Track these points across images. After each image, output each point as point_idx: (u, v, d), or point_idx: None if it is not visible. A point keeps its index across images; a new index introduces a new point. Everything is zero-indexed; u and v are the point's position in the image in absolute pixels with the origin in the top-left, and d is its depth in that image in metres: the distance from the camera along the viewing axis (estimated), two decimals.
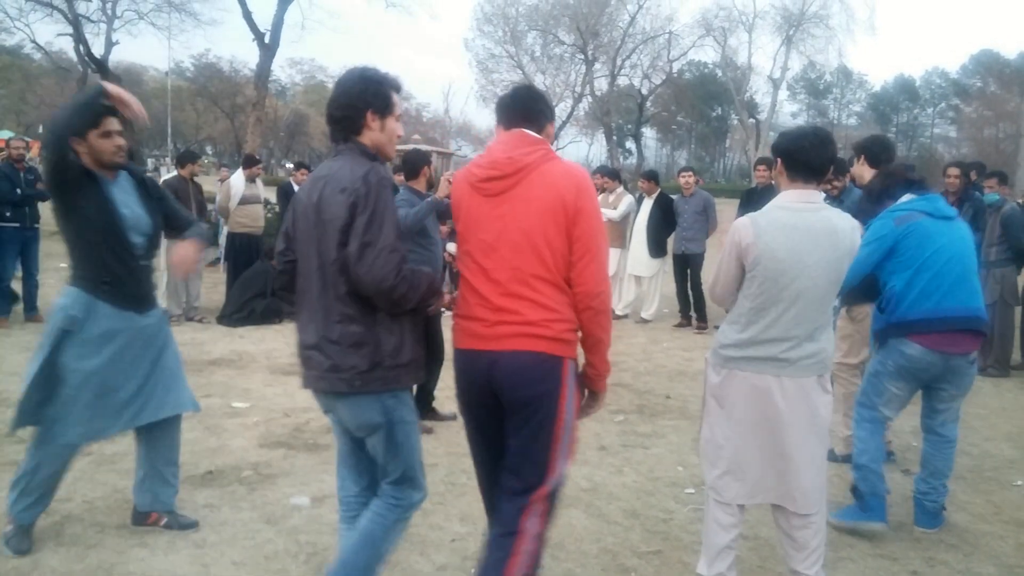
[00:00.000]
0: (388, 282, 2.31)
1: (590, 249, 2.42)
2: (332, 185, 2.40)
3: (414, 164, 5.02)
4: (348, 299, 2.39)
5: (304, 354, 2.51)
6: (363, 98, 2.47)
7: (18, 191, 7.66)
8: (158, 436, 3.47)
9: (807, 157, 2.73)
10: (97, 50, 26.74)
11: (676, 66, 46.76)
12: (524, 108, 2.57)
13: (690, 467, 4.50)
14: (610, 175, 9.73)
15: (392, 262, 2.31)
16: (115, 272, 3.16)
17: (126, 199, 3.23)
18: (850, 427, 4.68)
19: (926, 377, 3.60)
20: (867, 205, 3.94)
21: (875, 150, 4.59)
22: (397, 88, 2.57)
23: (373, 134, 2.51)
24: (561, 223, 2.38)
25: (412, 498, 2.62)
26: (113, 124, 3.13)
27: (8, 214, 7.68)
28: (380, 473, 2.62)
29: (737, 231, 2.75)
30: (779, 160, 2.81)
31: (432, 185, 5.07)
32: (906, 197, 3.70)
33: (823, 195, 2.88)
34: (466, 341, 2.51)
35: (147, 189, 3.38)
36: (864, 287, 3.66)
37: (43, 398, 3.15)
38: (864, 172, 4.60)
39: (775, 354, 2.70)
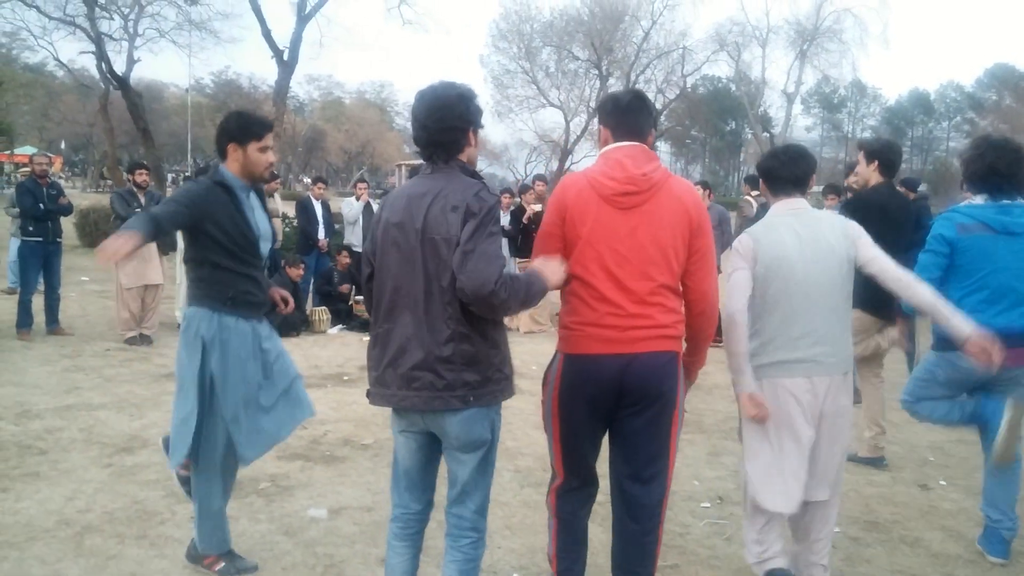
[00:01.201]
0: (488, 287, 2.27)
1: (708, 260, 2.70)
2: (440, 204, 2.37)
3: None
4: (461, 317, 2.37)
5: (409, 375, 2.42)
6: (467, 117, 2.48)
7: (41, 206, 7.77)
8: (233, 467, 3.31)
9: (781, 172, 3.03)
10: (119, 67, 27.02)
11: (690, 81, 46.74)
12: (639, 122, 2.72)
13: (705, 481, 4.49)
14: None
15: (493, 268, 2.29)
16: (242, 284, 3.10)
17: (254, 210, 3.21)
18: (873, 429, 4.69)
19: (975, 384, 3.50)
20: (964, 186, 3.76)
21: (891, 158, 4.56)
22: (476, 96, 2.56)
23: (470, 150, 2.53)
24: (685, 236, 2.62)
25: (485, 523, 2.61)
26: (270, 141, 3.15)
27: (31, 228, 7.80)
28: (459, 499, 2.56)
29: (739, 245, 3.00)
30: (761, 180, 3.11)
31: None
32: (979, 199, 3.51)
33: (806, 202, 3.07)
34: (596, 346, 2.62)
35: (263, 200, 3.34)
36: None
37: (198, 427, 3.07)
38: (872, 177, 4.58)
39: (802, 356, 2.88)
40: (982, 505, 3.67)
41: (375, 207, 6.52)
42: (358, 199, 10.02)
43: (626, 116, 2.73)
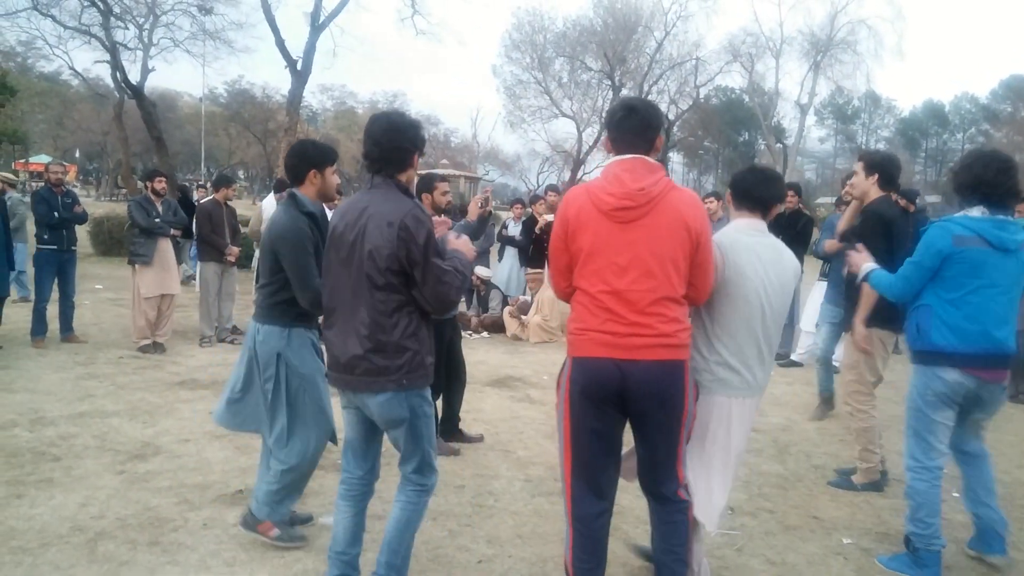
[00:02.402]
0: (449, 303, 2.86)
1: (708, 271, 2.79)
2: (376, 219, 2.74)
3: (418, 189, 5.13)
4: (382, 316, 2.78)
5: (347, 362, 2.84)
6: (415, 141, 2.88)
7: (56, 214, 7.85)
8: None
9: (754, 191, 3.11)
10: (133, 77, 27.24)
11: (703, 92, 46.68)
12: (640, 133, 2.76)
13: None
14: None
15: (448, 287, 2.79)
16: None
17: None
18: (869, 460, 4.62)
19: (961, 400, 3.49)
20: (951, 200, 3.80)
21: (891, 171, 4.53)
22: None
23: (411, 171, 2.91)
24: (687, 249, 2.69)
25: (431, 479, 3.03)
26: (335, 166, 3.50)
27: (46, 237, 7.87)
28: (402, 460, 3.01)
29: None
30: (729, 191, 3.21)
31: (441, 209, 5.14)
32: (976, 211, 3.43)
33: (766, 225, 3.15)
34: (597, 349, 2.71)
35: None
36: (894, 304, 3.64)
37: (285, 422, 3.48)
38: (871, 191, 4.54)
39: (741, 376, 3.00)
40: (966, 503, 3.72)
41: None
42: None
43: (621, 130, 2.78)
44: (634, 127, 2.76)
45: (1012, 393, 6.54)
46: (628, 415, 2.80)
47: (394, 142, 2.84)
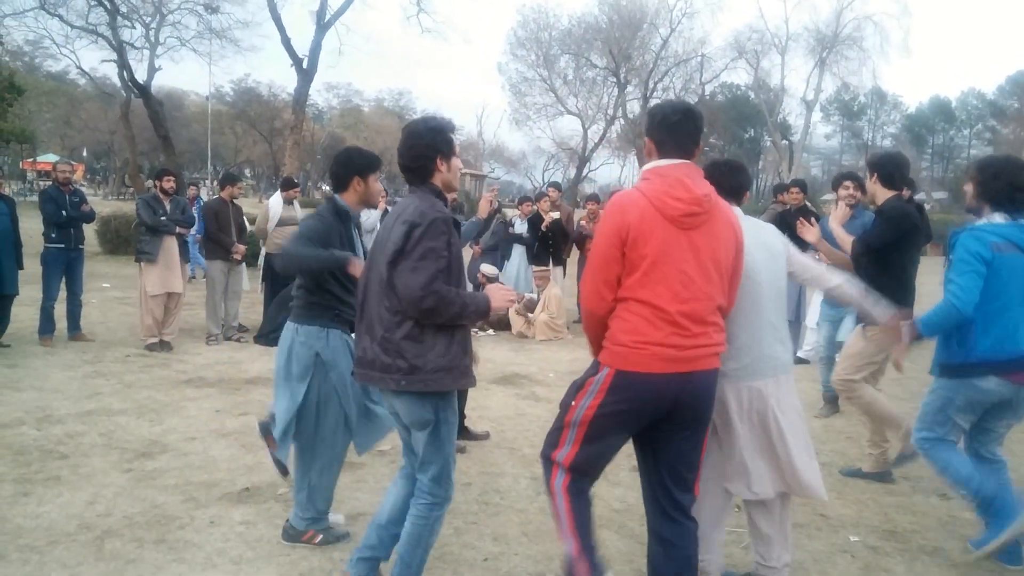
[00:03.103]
0: (414, 294, 2.66)
1: (739, 278, 2.80)
2: (399, 220, 2.80)
3: None
4: (399, 315, 2.76)
5: (367, 358, 2.86)
6: (434, 147, 2.88)
7: (63, 213, 7.87)
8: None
9: (723, 181, 3.03)
10: (140, 76, 27.39)
11: (708, 88, 46.68)
12: (694, 138, 2.72)
13: None
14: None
15: (419, 279, 2.65)
16: (345, 300, 3.45)
17: (357, 236, 3.64)
18: (878, 445, 4.63)
19: (991, 405, 3.49)
20: (974, 204, 3.71)
21: (889, 169, 4.50)
22: (454, 129, 2.98)
23: (442, 175, 2.91)
24: (734, 256, 2.72)
25: (448, 492, 2.97)
26: (378, 172, 3.61)
27: (54, 235, 7.90)
28: (420, 467, 2.94)
29: None
30: None
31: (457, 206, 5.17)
32: (998, 217, 3.44)
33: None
34: (660, 365, 2.59)
35: (358, 225, 3.70)
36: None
37: (303, 423, 3.51)
38: (878, 192, 4.53)
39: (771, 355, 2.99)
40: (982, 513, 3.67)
41: None
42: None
43: (674, 133, 2.69)
44: (690, 131, 2.70)
45: None
46: (662, 425, 2.69)
47: (413, 151, 2.89)
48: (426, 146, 2.88)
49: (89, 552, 3.44)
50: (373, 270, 2.89)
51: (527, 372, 7.46)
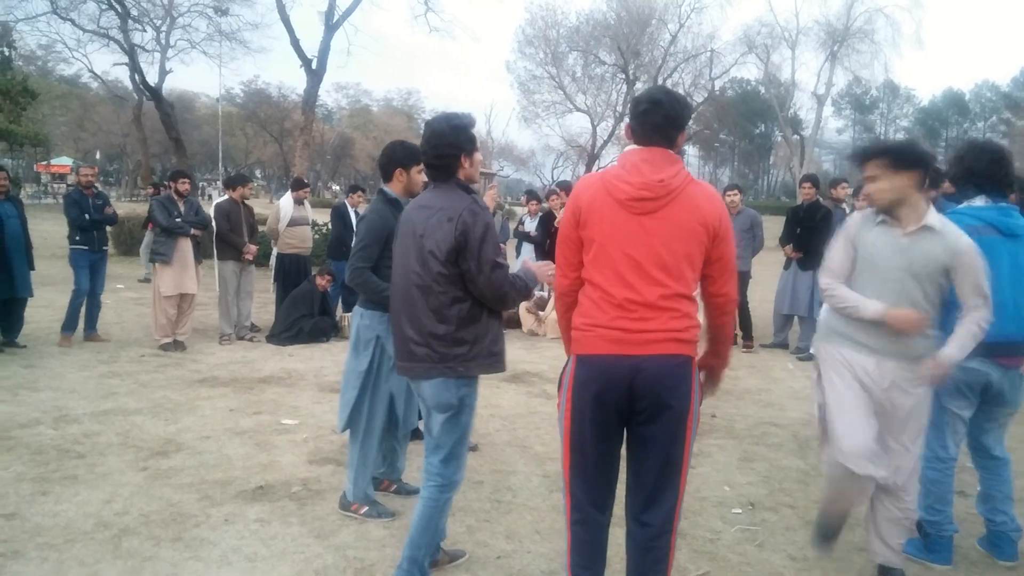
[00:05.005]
0: (503, 291, 2.94)
1: (728, 266, 2.70)
2: (438, 216, 2.92)
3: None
4: (443, 307, 2.93)
5: (404, 349, 3.03)
6: (457, 145, 3.00)
7: (87, 216, 7.98)
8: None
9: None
10: (151, 78, 27.59)
11: (718, 84, 46.48)
12: (661, 129, 2.64)
13: (736, 487, 4.46)
14: None
15: (503, 274, 2.92)
16: None
17: None
18: None
19: (980, 389, 3.47)
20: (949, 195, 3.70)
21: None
22: (474, 124, 3.09)
23: (465, 170, 3.04)
24: (703, 244, 2.61)
25: (458, 475, 3.11)
26: (421, 165, 3.68)
27: (78, 238, 8.01)
28: (432, 450, 3.09)
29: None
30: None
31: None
32: (979, 200, 3.45)
33: None
34: (606, 346, 2.59)
35: None
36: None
37: (360, 402, 3.82)
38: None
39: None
40: (981, 509, 3.68)
41: None
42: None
43: (641, 123, 2.66)
44: (656, 122, 2.64)
45: None
46: (632, 418, 2.64)
47: (438, 149, 3.00)
48: (450, 144, 2.98)
49: (107, 550, 3.47)
50: (407, 265, 3.00)
51: (538, 370, 7.47)
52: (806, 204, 8.79)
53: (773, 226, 10.68)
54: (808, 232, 8.54)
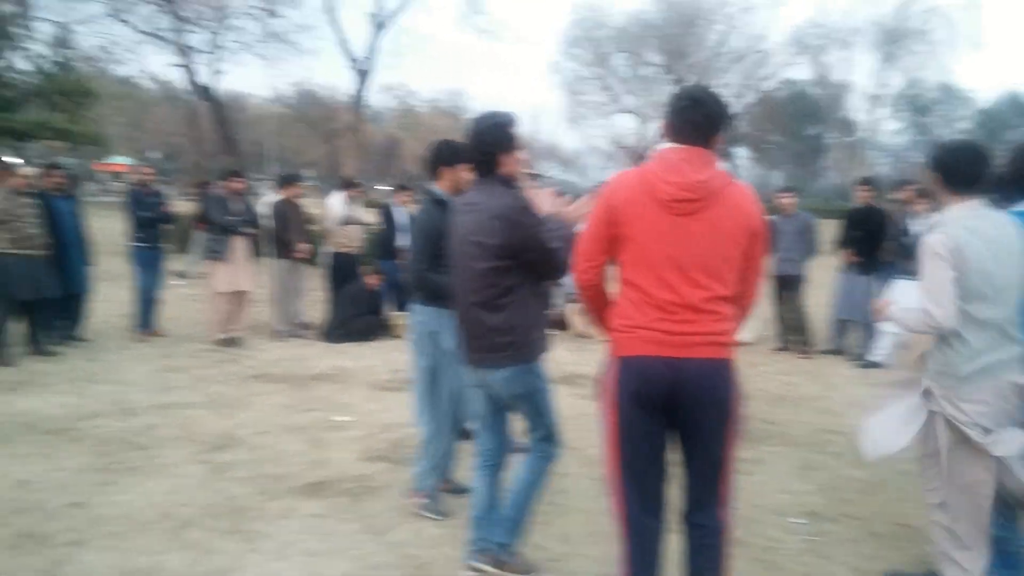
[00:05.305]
0: (562, 262, 3.02)
1: (758, 268, 2.71)
2: (483, 213, 3.00)
3: None
4: (497, 298, 3.03)
5: (469, 343, 3.15)
6: (497, 143, 3.09)
7: (145, 214, 8.20)
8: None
9: (967, 170, 2.98)
10: (204, 79, 28.11)
11: (768, 84, 45.82)
12: (700, 128, 2.60)
13: (795, 495, 4.38)
14: None
15: (561, 256, 3.01)
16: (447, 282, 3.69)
17: None
18: None
19: None
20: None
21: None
22: (515, 123, 3.15)
23: (506, 167, 3.10)
24: (743, 245, 2.59)
25: (556, 451, 3.30)
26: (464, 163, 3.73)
27: (138, 235, 8.22)
28: (529, 431, 3.25)
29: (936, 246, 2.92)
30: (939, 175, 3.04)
31: None
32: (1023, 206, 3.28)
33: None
34: (647, 348, 2.58)
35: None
36: None
37: (424, 398, 3.97)
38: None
39: None
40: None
41: None
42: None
43: (681, 119, 2.61)
44: (696, 120, 2.59)
45: None
46: (676, 421, 2.64)
47: (478, 146, 3.11)
48: (490, 141, 3.09)
49: (170, 540, 3.55)
50: (461, 260, 3.12)
51: (588, 372, 7.42)
52: (863, 207, 8.60)
53: (827, 229, 10.47)
54: (865, 236, 8.36)
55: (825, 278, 8.99)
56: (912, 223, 7.82)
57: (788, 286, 8.77)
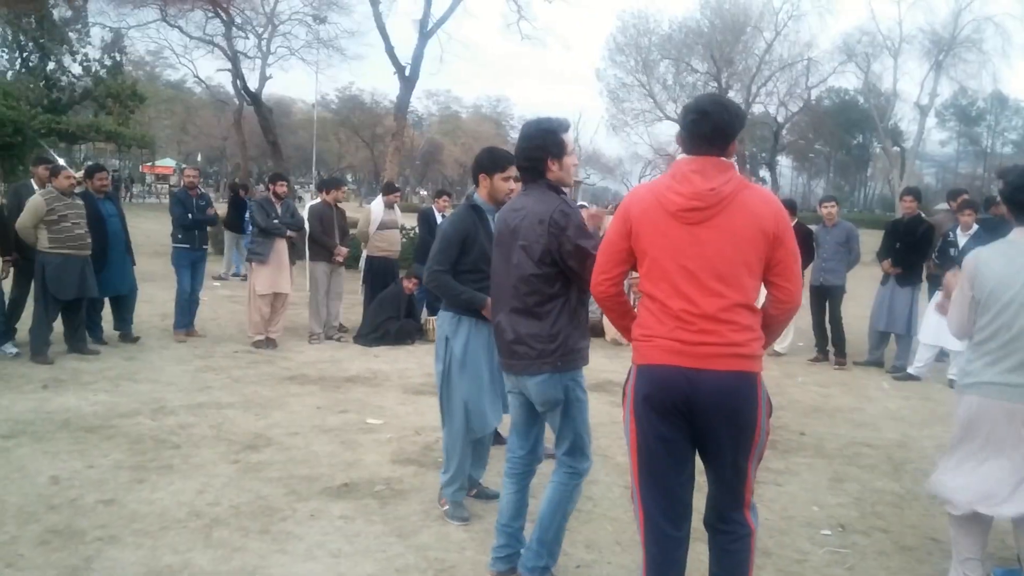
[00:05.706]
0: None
1: (790, 268, 2.61)
2: (530, 218, 3.02)
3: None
4: (540, 305, 3.04)
5: (507, 347, 3.13)
6: (544, 148, 3.08)
7: (190, 216, 8.35)
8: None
9: None
10: (252, 84, 28.63)
11: (815, 93, 45.24)
12: (710, 139, 2.58)
13: (826, 507, 4.30)
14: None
15: (592, 261, 2.90)
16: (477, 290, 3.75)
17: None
18: None
19: None
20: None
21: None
22: (566, 129, 3.14)
23: (554, 173, 3.11)
24: (762, 251, 2.53)
25: (583, 465, 3.21)
26: (512, 171, 3.73)
27: (180, 236, 8.38)
28: (557, 443, 3.21)
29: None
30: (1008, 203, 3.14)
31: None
32: None
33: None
34: (664, 357, 2.56)
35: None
36: None
37: (440, 402, 3.99)
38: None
39: None
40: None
41: None
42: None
43: (690, 133, 2.61)
44: (704, 132, 2.58)
45: None
46: (695, 431, 2.61)
47: (525, 151, 3.12)
48: (537, 146, 3.08)
49: (198, 539, 3.59)
50: (504, 266, 3.13)
51: (621, 379, 7.36)
52: (907, 218, 8.43)
53: (869, 240, 10.29)
54: (908, 247, 8.20)
55: (864, 289, 8.83)
56: (958, 235, 7.65)
57: (828, 296, 8.64)
